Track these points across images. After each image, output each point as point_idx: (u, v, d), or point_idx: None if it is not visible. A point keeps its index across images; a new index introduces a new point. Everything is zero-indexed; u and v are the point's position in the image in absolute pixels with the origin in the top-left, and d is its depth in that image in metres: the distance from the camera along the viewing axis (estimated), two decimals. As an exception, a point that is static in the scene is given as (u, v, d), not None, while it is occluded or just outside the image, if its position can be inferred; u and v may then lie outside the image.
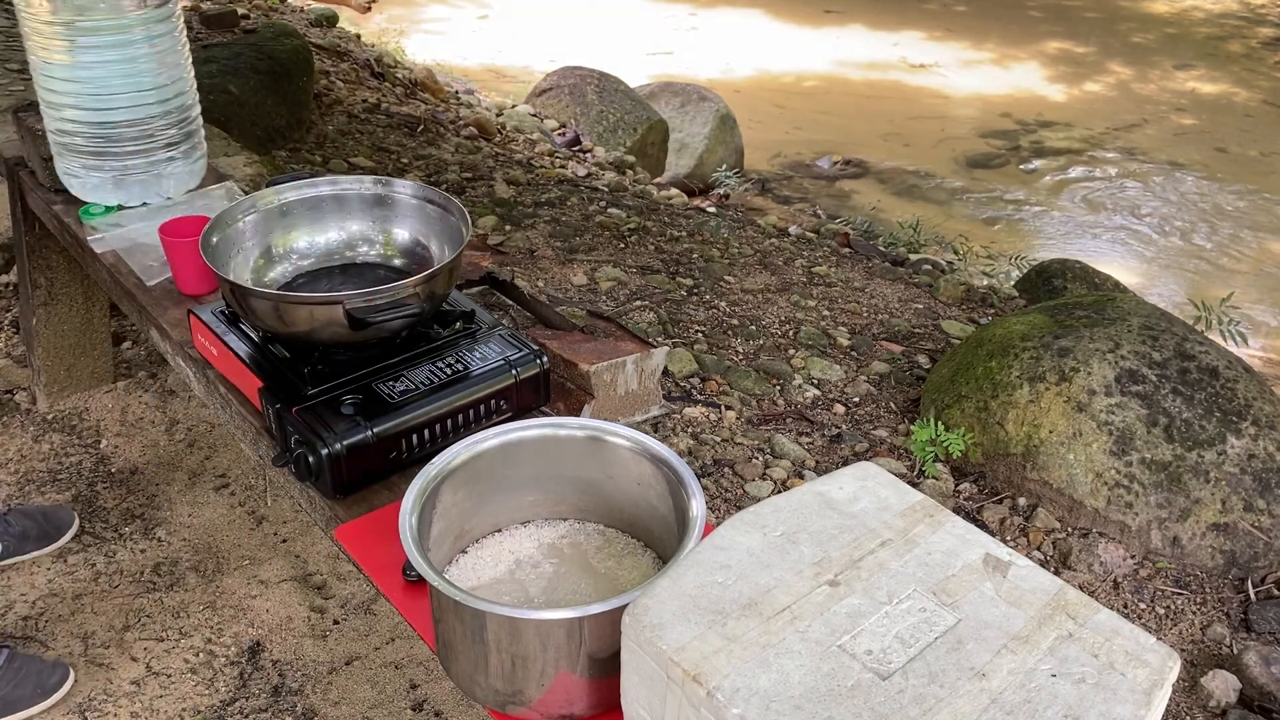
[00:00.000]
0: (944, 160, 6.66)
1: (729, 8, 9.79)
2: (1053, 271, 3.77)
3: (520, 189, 3.99)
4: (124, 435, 2.38)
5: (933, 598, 0.87)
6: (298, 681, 1.79)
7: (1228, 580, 2.15)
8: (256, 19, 5.23)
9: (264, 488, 2.24)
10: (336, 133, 4.29)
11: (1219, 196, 6.22)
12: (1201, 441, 2.19)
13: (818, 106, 7.49)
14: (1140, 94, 8.04)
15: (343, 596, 1.98)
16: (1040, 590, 0.89)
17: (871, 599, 0.87)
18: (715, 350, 2.81)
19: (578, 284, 3.12)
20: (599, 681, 0.96)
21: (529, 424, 1.15)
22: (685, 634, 0.82)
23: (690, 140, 5.81)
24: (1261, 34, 9.54)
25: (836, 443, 2.45)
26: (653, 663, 0.83)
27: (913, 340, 3.05)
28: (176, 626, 1.90)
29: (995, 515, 2.25)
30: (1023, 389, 2.33)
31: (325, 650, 1.85)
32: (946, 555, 0.92)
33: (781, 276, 3.43)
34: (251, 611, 1.93)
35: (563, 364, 1.52)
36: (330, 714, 1.73)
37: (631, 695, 0.88)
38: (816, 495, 0.99)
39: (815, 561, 0.90)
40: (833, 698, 0.77)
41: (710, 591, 0.87)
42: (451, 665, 1.02)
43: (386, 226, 1.55)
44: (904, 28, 9.37)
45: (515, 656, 0.94)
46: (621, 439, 1.13)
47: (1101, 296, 2.74)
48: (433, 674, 1.81)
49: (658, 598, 0.86)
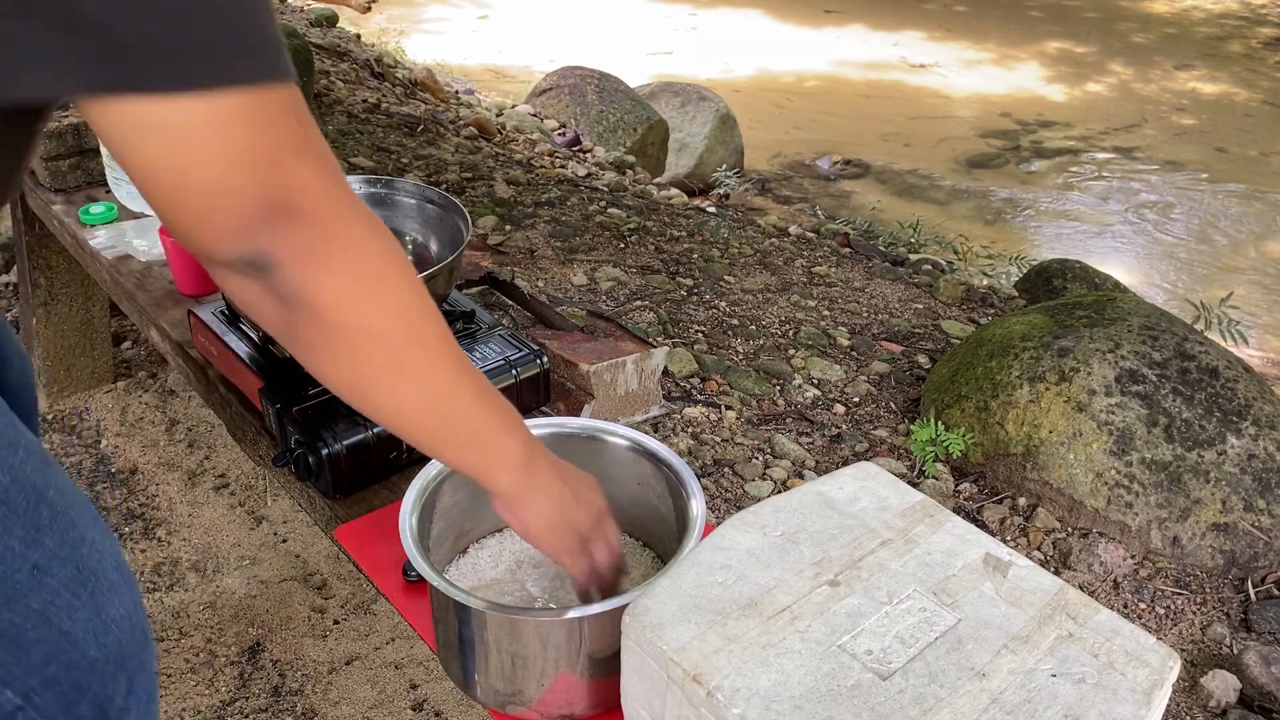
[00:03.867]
0: (944, 160, 6.66)
1: (729, 8, 9.79)
2: (1053, 271, 3.77)
3: (520, 189, 3.99)
4: (124, 435, 2.38)
5: (933, 598, 0.87)
6: (298, 681, 1.79)
7: (1228, 580, 2.15)
8: (256, 19, 5.23)
9: (264, 488, 2.23)
10: (336, 133, 4.29)
11: (1219, 196, 6.23)
12: (1201, 441, 2.19)
13: (818, 106, 7.49)
14: (1140, 94, 8.05)
15: (343, 596, 1.98)
16: (1040, 590, 0.89)
17: (871, 599, 0.87)
18: (715, 350, 2.81)
19: (578, 284, 3.12)
20: (599, 681, 0.96)
21: (530, 423, 1.15)
22: (685, 634, 0.82)
23: (690, 140, 5.81)
24: (1262, 34, 9.54)
25: (836, 443, 2.46)
26: (653, 663, 0.83)
27: (913, 340, 3.05)
28: (176, 626, 1.90)
29: (995, 515, 2.25)
30: (1023, 389, 2.33)
31: (325, 650, 1.85)
32: (946, 555, 0.92)
33: (781, 276, 3.43)
34: (251, 611, 1.93)
35: (563, 364, 1.52)
36: (330, 714, 1.73)
37: (631, 695, 0.88)
38: (816, 495, 0.99)
39: (815, 561, 0.90)
40: (833, 698, 0.77)
41: (710, 591, 0.87)
42: (451, 665, 1.02)
43: (386, 226, 1.55)
44: (904, 28, 9.37)
45: (515, 656, 0.94)
46: (621, 439, 1.13)
47: (1101, 296, 2.74)
48: (433, 674, 1.81)
49: (658, 598, 0.86)
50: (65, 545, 0.77)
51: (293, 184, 0.65)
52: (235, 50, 0.62)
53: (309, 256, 0.67)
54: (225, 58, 0.61)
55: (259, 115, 0.63)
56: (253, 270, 0.67)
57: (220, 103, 0.61)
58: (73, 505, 0.79)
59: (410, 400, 0.77)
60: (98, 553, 0.80)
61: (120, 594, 0.81)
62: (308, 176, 0.66)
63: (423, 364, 0.76)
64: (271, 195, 0.64)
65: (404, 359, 0.74)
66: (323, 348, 0.72)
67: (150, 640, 0.87)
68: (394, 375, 0.75)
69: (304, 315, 0.69)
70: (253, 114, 0.62)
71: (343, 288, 0.69)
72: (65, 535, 0.77)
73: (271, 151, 0.64)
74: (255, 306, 0.70)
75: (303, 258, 0.67)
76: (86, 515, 0.81)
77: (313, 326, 0.70)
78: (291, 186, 0.65)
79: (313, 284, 0.68)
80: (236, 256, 0.66)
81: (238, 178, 0.63)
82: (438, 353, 0.77)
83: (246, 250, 0.65)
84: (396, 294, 0.72)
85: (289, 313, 0.69)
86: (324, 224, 0.67)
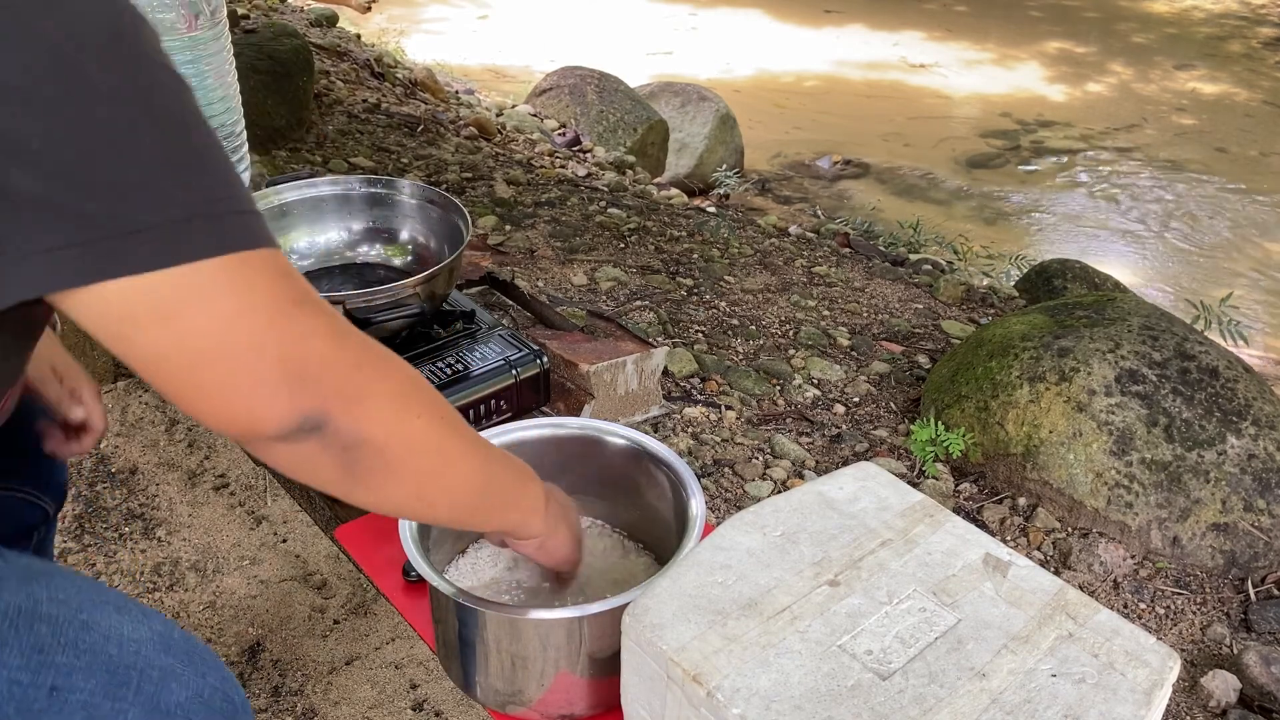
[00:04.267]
0: (944, 160, 6.66)
1: (729, 8, 9.79)
2: (1053, 271, 3.77)
3: (520, 189, 3.99)
4: (124, 435, 2.38)
5: (933, 598, 0.87)
6: (298, 681, 1.79)
7: (1228, 580, 2.15)
8: (256, 19, 5.23)
9: (264, 488, 2.23)
10: (336, 133, 4.29)
11: (1219, 197, 6.22)
12: (1201, 441, 2.19)
13: (818, 106, 7.49)
14: (1140, 94, 8.04)
15: (343, 596, 1.98)
16: (1040, 590, 0.89)
17: (871, 599, 0.87)
18: (715, 350, 2.81)
19: (578, 284, 3.12)
20: (599, 681, 0.96)
21: (529, 424, 1.15)
22: (685, 634, 0.82)
23: (690, 140, 5.81)
24: (1262, 34, 9.54)
25: (836, 443, 2.45)
26: (653, 662, 0.83)
27: (913, 340, 3.05)
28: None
29: (995, 515, 2.25)
30: (1023, 389, 2.33)
31: (325, 650, 1.85)
32: (946, 555, 0.92)
33: (781, 276, 3.43)
34: (251, 611, 1.93)
35: (563, 364, 1.52)
36: (330, 714, 1.73)
37: (631, 695, 0.88)
38: (816, 495, 0.99)
39: (815, 561, 0.90)
40: (833, 698, 0.77)
41: (710, 591, 0.87)
42: (451, 665, 1.02)
43: (386, 226, 1.55)
44: (904, 28, 9.37)
45: (515, 656, 0.94)
46: (621, 439, 1.13)
47: (1101, 296, 2.74)
48: (433, 674, 1.81)
49: (658, 598, 0.86)
50: (84, 654, 0.73)
51: (304, 334, 0.66)
52: (216, 219, 0.62)
53: (350, 400, 0.69)
54: (207, 227, 0.61)
55: (250, 277, 0.63)
56: (305, 433, 0.67)
57: (210, 270, 0.61)
58: (81, 607, 0.75)
59: (462, 487, 0.82)
60: (132, 645, 0.76)
61: (179, 677, 0.78)
62: (315, 324, 0.67)
63: (460, 451, 0.80)
64: (287, 351, 0.65)
65: (449, 454, 0.79)
66: (385, 474, 0.74)
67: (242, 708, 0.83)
68: (446, 471, 0.79)
69: (364, 452, 0.71)
70: (244, 277, 0.63)
71: (388, 415, 0.72)
72: (79, 644, 0.73)
73: (271, 307, 0.64)
74: (311, 464, 0.70)
75: (345, 403, 0.68)
76: (104, 610, 0.77)
77: (374, 459, 0.72)
78: (303, 337, 0.66)
79: (364, 421, 0.70)
80: (289, 426, 0.66)
81: (247, 337, 0.63)
82: (467, 436, 0.81)
83: (295, 416, 0.66)
84: (426, 402, 0.76)
85: (348, 457, 0.70)
86: (346, 364, 0.68)
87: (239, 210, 0.63)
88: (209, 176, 0.62)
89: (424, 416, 0.75)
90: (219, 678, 0.81)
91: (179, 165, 0.61)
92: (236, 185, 0.64)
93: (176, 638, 0.80)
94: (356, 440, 0.69)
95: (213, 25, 1.74)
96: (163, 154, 0.60)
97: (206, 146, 0.63)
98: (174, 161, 0.60)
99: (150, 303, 0.60)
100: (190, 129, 0.62)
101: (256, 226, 0.65)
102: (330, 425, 0.68)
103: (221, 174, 0.63)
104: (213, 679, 0.80)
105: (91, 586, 0.80)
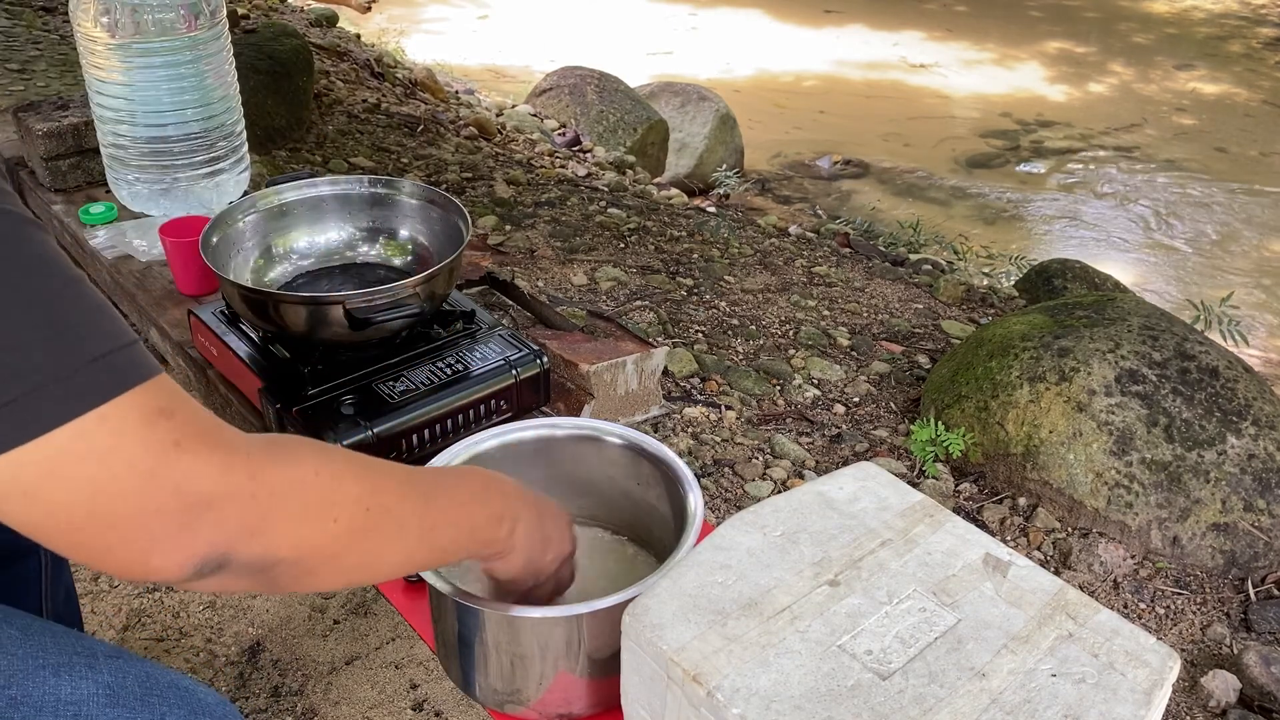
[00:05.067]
0: (944, 160, 6.66)
1: (729, 8, 9.79)
2: (1053, 271, 3.77)
3: (520, 189, 3.99)
4: (124, 435, 2.38)
5: (933, 598, 0.87)
6: (298, 681, 1.79)
7: (1228, 580, 2.15)
8: (256, 19, 5.24)
9: (264, 488, 2.23)
10: (336, 133, 4.29)
11: (1219, 196, 6.22)
12: (1201, 441, 2.19)
13: (818, 106, 7.49)
14: (1140, 94, 8.04)
15: (343, 596, 1.98)
16: (1040, 590, 0.89)
17: (871, 599, 0.87)
18: (715, 350, 2.81)
19: (578, 284, 3.12)
20: (599, 681, 0.96)
21: (529, 424, 1.15)
22: (685, 634, 0.82)
23: (690, 140, 5.81)
24: (1262, 34, 9.54)
25: (836, 443, 2.46)
26: (653, 662, 0.83)
27: (913, 340, 3.05)
28: (176, 626, 1.89)
29: (995, 515, 2.25)
30: (1023, 389, 2.33)
31: (325, 650, 1.85)
32: (946, 555, 0.92)
33: (781, 276, 3.43)
34: (251, 611, 1.93)
35: (563, 364, 1.52)
36: (330, 714, 1.73)
37: (631, 695, 0.88)
38: (816, 495, 0.99)
39: (815, 561, 0.90)
40: (833, 698, 0.77)
41: (710, 591, 0.87)
42: (451, 665, 1.02)
43: (386, 226, 1.55)
44: (904, 28, 9.37)
45: (514, 656, 0.94)
46: (620, 439, 1.13)
47: (1101, 296, 2.74)
48: (433, 674, 1.81)
49: (658, 598, 0.86)
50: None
51: (185, 477, 0.61)
52: (64, 380, 0.57)
53: (251, 533, 0.65)
54: (57, 392, 0.57)
55: (112, 432, 0.59)
56: (210, 572, 0.64)
57: (63, 439, 0.57)
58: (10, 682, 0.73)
59: (407, 551, 0.79)
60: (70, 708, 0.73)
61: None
62: (195, 464, 0.62)
63: (396, 524, 0.75)
64: (167, 501, 0.61)
65: (381, 532, 0.74)
66: (312, 578, 0.71)
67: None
68: (383, 547, 0.75)
69: (280, 570, 0.68)
70: (104, 435, 0.58)
71: (296, 533, 0.68)
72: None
73: (144, 459, 0.60)
74: (233, 589, 0.68)
75: (246, 536, 0.64)
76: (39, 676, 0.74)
77: (293, 571, 0.69)
78: (186, 480, 0.61)
79: (271, 548, 0.66)
80: (188, 572, 0.63)
81: (120, 497, 0.59)
82: (402, 505, 0.76)
83: (193, 562, 0.62)
84: (342, 499, 0.71)
85: (266, 577, 0.68)
86: (240, 496, 0.64)
87: (94, 357, 0.58)
88: (56, 331, 0.58)
89: (341, 518, 0.70)
90: (185, 713, 0.77)
91: (21, 329, 0.57)
92: (92, 325, 0.59)
93: (129, 685, 0.77)
94: (267, 564, 0.67)
95: (212, 25, 1.75)
96: (3, 326, 0.56)
97: (52, 294, 0.58)
98: (16, 327, 0.56)
99: (11, 479, 0.57)
100: (33, 280, 0.58)
101: (123, 366, 0.60)
102: (235, 561, 0.64)
103: (73, 321, 0.58)
104: (173, 718, 0.77)
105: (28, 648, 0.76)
